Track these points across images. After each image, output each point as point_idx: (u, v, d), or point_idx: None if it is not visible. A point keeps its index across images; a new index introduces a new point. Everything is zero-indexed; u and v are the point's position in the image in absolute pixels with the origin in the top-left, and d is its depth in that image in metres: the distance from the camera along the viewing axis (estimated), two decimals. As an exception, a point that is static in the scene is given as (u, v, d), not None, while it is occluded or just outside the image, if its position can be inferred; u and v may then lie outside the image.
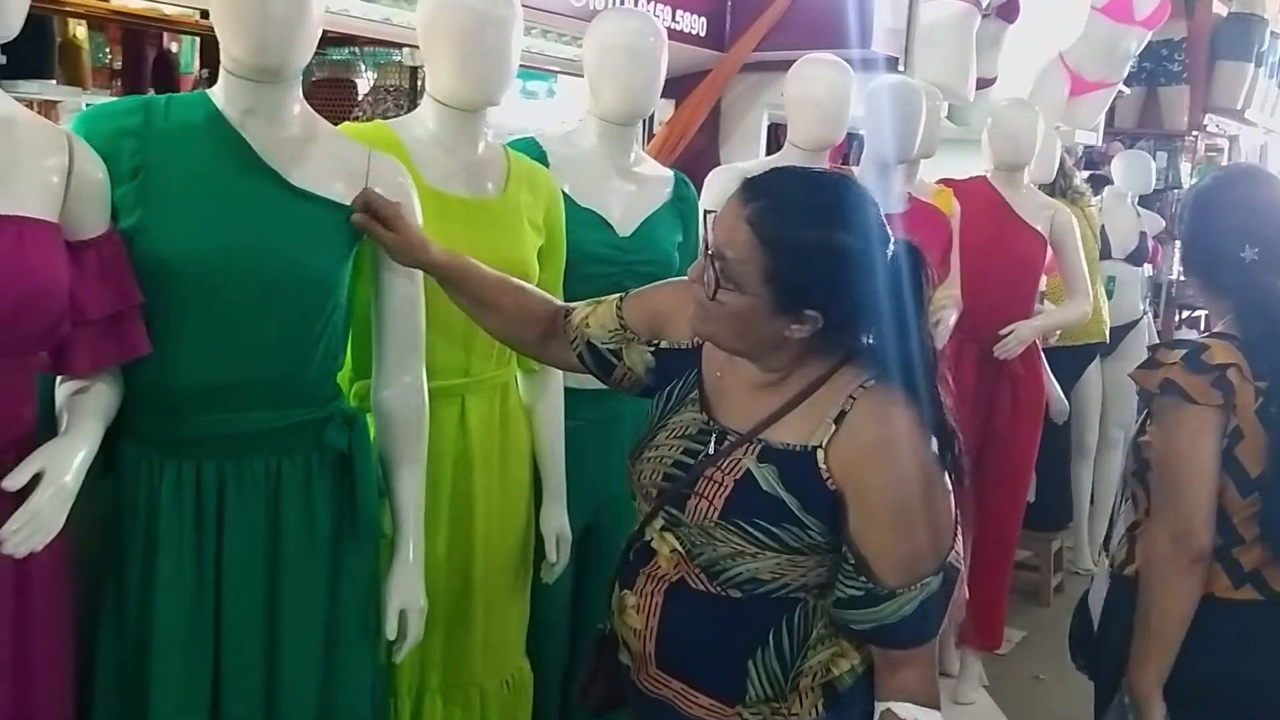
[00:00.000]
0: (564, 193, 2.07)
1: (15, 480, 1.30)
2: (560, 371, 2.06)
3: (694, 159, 3.38)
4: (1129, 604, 1.81)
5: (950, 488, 1.32)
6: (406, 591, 1.71)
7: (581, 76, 2.25)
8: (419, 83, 3.75)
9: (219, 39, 1.54)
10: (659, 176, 2.30)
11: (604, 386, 1.60)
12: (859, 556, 1.29)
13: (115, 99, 2.13)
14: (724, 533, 1.33)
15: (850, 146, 4.19)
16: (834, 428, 1.31)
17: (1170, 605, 1.73)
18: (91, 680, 1.55)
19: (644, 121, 2.82)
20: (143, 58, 4.17)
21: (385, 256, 1.68)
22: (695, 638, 1.40)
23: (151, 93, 3.88)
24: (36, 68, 3.41)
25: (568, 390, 2.10)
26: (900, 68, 3.61)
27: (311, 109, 1.66)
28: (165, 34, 4.13)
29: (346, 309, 1.68)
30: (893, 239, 1.33)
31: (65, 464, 1.35)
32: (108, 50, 4.15)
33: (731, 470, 1.34)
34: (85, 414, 1.43)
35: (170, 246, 1.49)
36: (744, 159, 3.47)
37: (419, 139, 1.88)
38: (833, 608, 1.34)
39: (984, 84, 4.17)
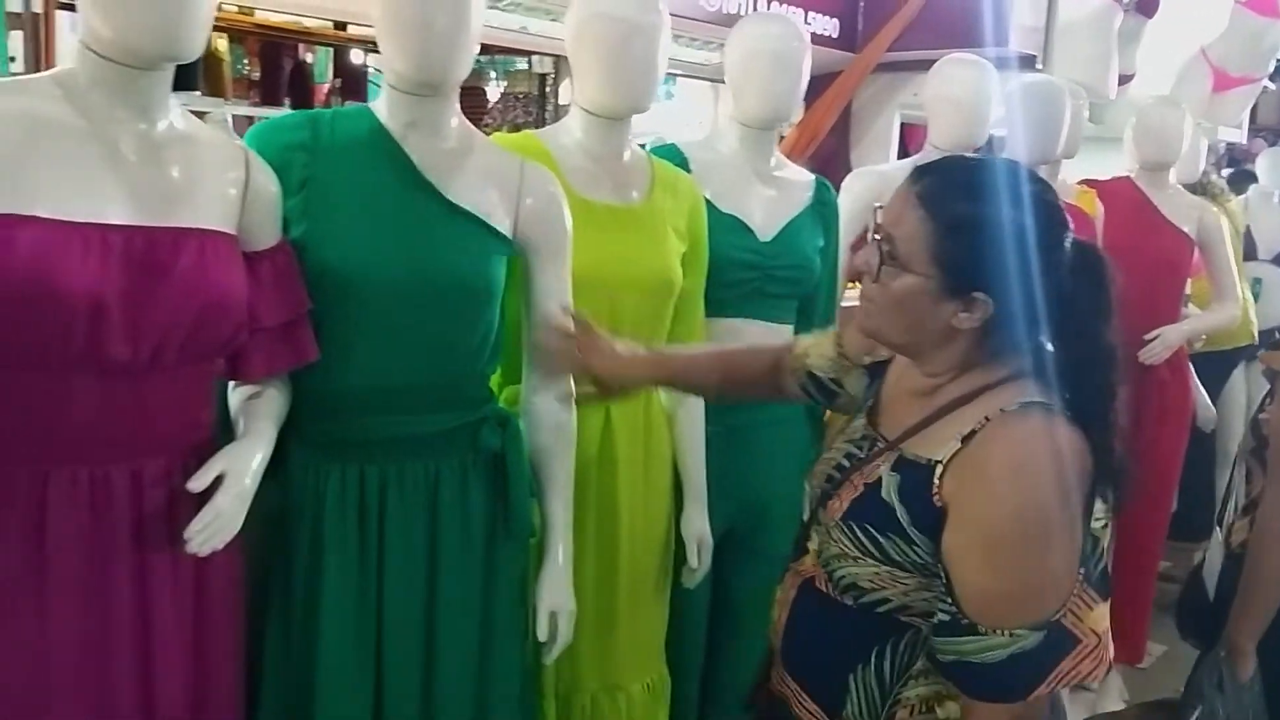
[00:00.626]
0: (705, 198, 2.07)
1: (199, 482, 1.35)
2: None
3: (824, 161, 3.36)
4: None
5: (1074, 543, 1.22)
6: (557, 594, 1.74)
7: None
8: (547, 89, 3.80)
9: (382, 54, 1.58)
10: (799, 181, 2.28)
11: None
12: (946, 574, 1.24)
13: (283, 114, 2.21)
14: (839, 533, 1.31)
15: (981, 148, 4.10)
16: (959, 446, 1.24)
17: (1275, 569, 1.83)
18: (259, 675, 1.60)
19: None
20: (279, 68, 4.31)
21: (537, 267, 1.71)
22: (812, 639, 1.39)
23: (287, 102, 4.02)
24: (183, 81, 3.53)
25: (707, 396, 2.10)
26: (1038, 66, 3.53)
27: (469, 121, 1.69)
28: (300, 45, 4.25)
29: (500, 316, 1.71)
30: (1071, 232, 1.26)
31: (245, 466, 1.40)
32: (246, 62, 4.30)
33: (868, 475, 1.32)
34: (260, 418, 1.49)
35: (334, 257, 1.54)
36: (875, 161, 3.43)
37: (566, 148, 1.90)
38: (930, 633, 1.29)
39: (1122, 80, 4.06)
